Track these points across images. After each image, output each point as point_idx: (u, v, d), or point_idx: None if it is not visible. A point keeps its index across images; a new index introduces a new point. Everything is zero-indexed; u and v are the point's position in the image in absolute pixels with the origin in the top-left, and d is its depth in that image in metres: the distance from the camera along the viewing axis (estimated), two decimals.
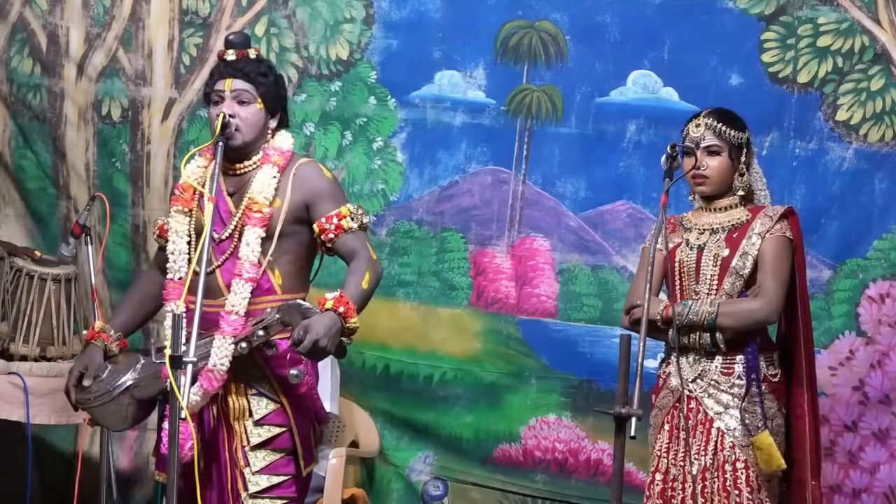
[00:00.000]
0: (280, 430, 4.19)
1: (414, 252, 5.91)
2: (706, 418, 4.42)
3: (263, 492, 4.16)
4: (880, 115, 5.44)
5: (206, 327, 4.08)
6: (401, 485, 5.92)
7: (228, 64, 4.26)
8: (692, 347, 4.45)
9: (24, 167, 6.23)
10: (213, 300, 4.13)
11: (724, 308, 4.38)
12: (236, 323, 4.10)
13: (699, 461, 4.40)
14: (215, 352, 4.08)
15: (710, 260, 4.49)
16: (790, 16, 5.52)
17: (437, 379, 5.89)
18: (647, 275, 4.26)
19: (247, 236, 4.15)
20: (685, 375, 4.45)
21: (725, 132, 4.50)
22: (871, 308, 5.42)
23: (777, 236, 4.46)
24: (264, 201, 4.17)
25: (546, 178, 5.79)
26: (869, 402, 5.41)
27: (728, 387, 4.41)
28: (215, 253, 4.18)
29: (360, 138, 5.95)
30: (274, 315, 4.05)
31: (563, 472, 5.79)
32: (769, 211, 4.51)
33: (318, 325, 3.97)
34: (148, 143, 6.07)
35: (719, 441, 4.39)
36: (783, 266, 4.45)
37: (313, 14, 5.98)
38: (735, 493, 4.37)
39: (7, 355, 5.42)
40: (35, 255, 5.56)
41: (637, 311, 4.45)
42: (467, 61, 5.86)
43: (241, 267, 4.13)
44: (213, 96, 4.25)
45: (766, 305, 4.40)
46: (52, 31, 6.13)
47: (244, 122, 4.20)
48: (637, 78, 5.68)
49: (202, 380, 4.08)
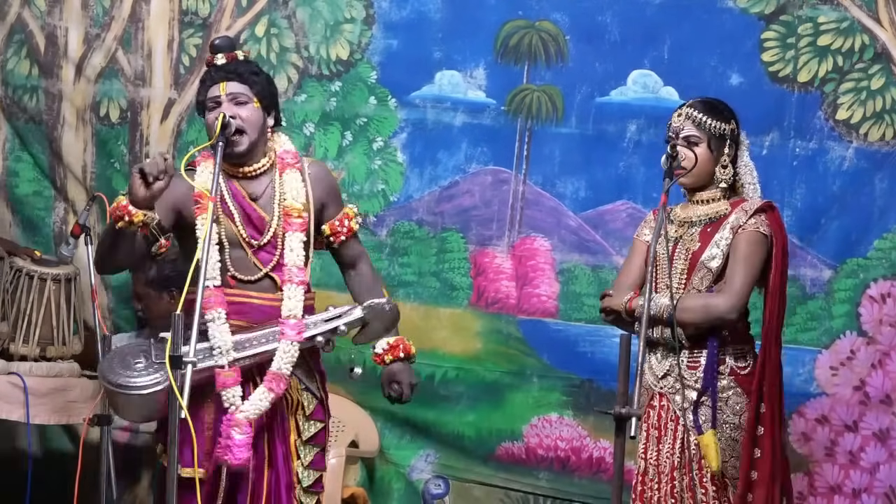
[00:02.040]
0: (321, 425, 4.32)
1: (414, 252, 5.90)
2: (676, 415, 4.38)
3: (311, 486, 4.28)
4: (880, 114, 5.44)
5: (263, 319, 4.17)
6: (401, 484, 5.92)
7: (220, 68, 4.25)
8: (658, 342, 4.40)
9: (19, 170, 6.21)
10: (269, 294, 4.21)
11: (683, 303, 4.31)
12: (297, 326, 4.18)
13: (670, 460, 4.38)
14: (281, 356, 4.15)
15: (681, 253, 4.45)
16: (790, 15, 5.53)
17: (439, 378, 5.88)
18: (649, 272, 4.25)
19: (290, 242, 4.22)
20: (656, 372, 4.43)
21: (705, 122, 4.42)
22: (872, 308, 5.42)
23: (749, 231, 4.37)
24: (301, 207, 4.25)
25: (546, 178, 5.79)
26: (870, 401, 5.41)
27: (693, 381, 4.37)
28: (258, 259, 4.22)
29: (361, 138, 5.95)
30: (357, 314, 4.24)
31: (565, 470, 5.79)
32: (746, 205, 4.42)
33: (405, 375, 4.36)
34: (147, 144, 6.06)
35: (685, 438, 4.36)
36: (753, 262, 4.37)
37: (313, 14, 5.98)
38: (700, 491, 4.33)
39: (7, 355, 5.42)
40: (35, 255, 5.55)
41: (605, 300, 4.46)
42: (467, 61, 5.86)
43: (291, 272, 4.20)
44: (208, 103, 4.24)
45: (726, 302, 4.31)
46: (50, 31, 6.12)
47: (246, 122, 4.20)
48: (637, 78, 5.69)
49: (269, 383, 4.13)
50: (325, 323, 4.23)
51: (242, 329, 4.16)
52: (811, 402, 5.48)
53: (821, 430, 5.45)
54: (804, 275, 5.51)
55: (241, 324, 4.17)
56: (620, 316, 4.45)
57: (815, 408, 5.47)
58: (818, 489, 5.47)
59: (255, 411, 4.11)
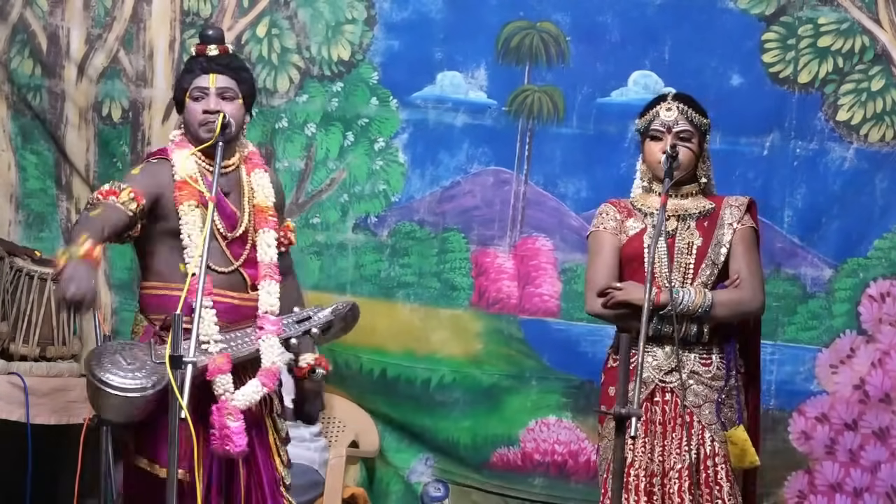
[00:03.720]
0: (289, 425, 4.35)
1: (415, 253, 5.90)
2: (685, 411, 4.38)
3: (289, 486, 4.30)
4: (881, 115, 5.45)
5: (235, 319, 4.16)
6: (401, 486, 5.91)
7: (211, 59, 4.24)
8: (669, 337, 4.37)
9: (26, 166, 6.22)
10: (240, 293, 4.19)
11: (718, 298, 4.34)
12: (277, 322, 4.18)
13: (682, 456, 4.37)
14: (267, 351, 4.15)
15: (683, 248, 4.46)
16: (791, 16, 5.53)
17: (435, 383, 5.88)
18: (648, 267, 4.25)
19: (265, 238, 4.24)
20: (663, 367, 4.41)
21: (696, 118, 4.47)
22: (872, 307, 5.43)
23: (747, 227, 4.46)
24: (272, 205, 4.28)
25: (548, 178, 5.79)
26: (869, 400, 5.41)
27: (709, 378, 4.38)
28: (231, 253, 4.21)
29: (362, 139, 5.95)
30: (327, 315, 4.24)
31: (562, 474, 5.77)
32: (733, 201, 4.49)
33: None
34: (148, 144, 6.06)
35: (700, 435, 4.36)
36: (756, 257, 4.46)
37: (315, 15, 5.98)
38: (716, 488, 4.34)
39: (7, 355, 5.42)
40: (35, 255, 5.56)
41: (618, 294, 4.38)
42: (469, 62, 5.87)
43: (268, 268, 4.21)
44: (193, 92, 4.23)
45: (756, 297, 4.40)
46: (52, 32, 6.12)
47: (231, 118, 4.20)
48: (638, 78, 5.69)
49: (262, 377, 4.12)
50: (297, 325, 4.23)
51: (220, 328, 4.14)
52: (811, 400, 5.48)
53: (821, 428, 5.45)
54: (805, 274, 5.51)
55: (218, 323, 4.15)
56: (635, 311, 4.29)
57: (816, 406, 5.47)
58: (818, 487, 5.47)
59: (245, 401, 4.06)
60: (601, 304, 4.45)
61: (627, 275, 4.51)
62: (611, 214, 4.58)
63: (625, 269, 4.51)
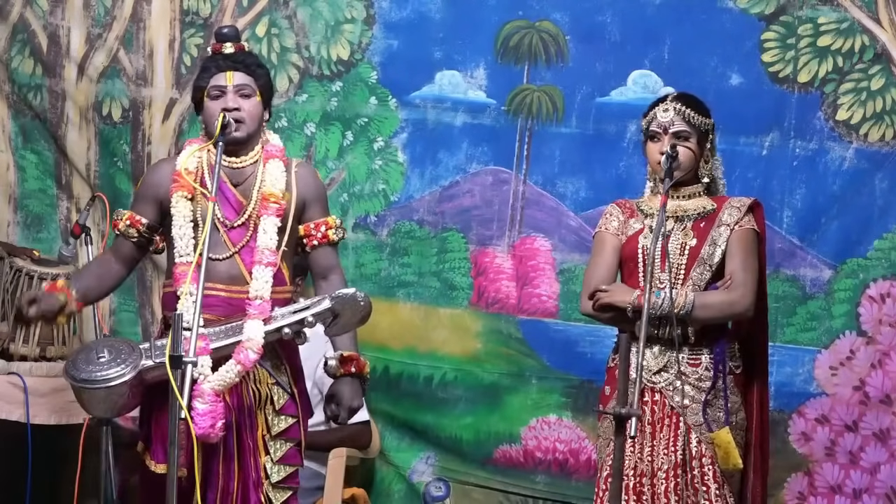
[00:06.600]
0: (293, 420, 4.28)
1: (414, 252, 5.90)
2: (672, 412, 4.39)
3: (281, 481, 4.24)
4: (880, 114, 5.45)
5: (230, 313, 4.16)
6: (402, 485, 5.91)
7: (227, 57, 4.27)
8: (658, 338, 4.39)
9: (25, 166, 6.22)
10: (236, 286, 4.18)
11: (700, 300, 4.33)
12: (263, 307, 4.15)
13: (669, 457, 4.38)
14: (248, 330, 4.11)
15: (677, 248, 4.46)
16: (790, 15, 5.53)
17: (438, 380, 5.88)
18: (647, 269, 4.25)
19: (264, 225, 4.22)
20: (651, 367, 4.41)
21: (694, 118, 4.47)
22: (872, 308, 5.42)
23: (746, 228, 4.44)
24: (279, 193, 4.25)
25: (547, 178, 5.79)
26: (869, 401, 5.41)
27: (696, 379, 4.38)
28: (230, 240, 4.22)
29: (361, 138, 5.95)
30: (326, 304, 4.16)
31: (563, 472, 5.78)
32: (735, 202, 4.49)
33: (346, 394, 4.30)
34: (149, 143, 6.07)
35: (687, 436, 4.36)
36: (754, 259, 4.43)
37: (314, 14, 5.98)
38: (703, 489, 4.34)
39: (7, 355, 5.42)
40: (35, 255, 5.56)
41: (605, 296, 4.40)
42: (468, 61, 5.86)
43: (262, 254, 4.19)
44: (211, 91, 4.25)
45: (745, 298, 4.36)
46: (52, 31, 6.12)
47: (248, 115, 4.23)
48: (637, 78, 5.68)
49: (237, 356, 4.09)
50: (292, 314, 4.18)
51: (209, 323, 4.15)
52: (811, 401, 5.47)
53: (821, 429, 5.45)
54: (804, 275, 5.51)
55: (209, 317, 4.16)
56: (621, 313, 4.41)
57: (815, 407, 5.46)
58: (818, 489, 5.47)
59: (220, 382, 4.06)
60: (590, 308, 4.49)
61: (625, 275, 4.53)
62: (614, 215, 4.61)
63: (623, 269, 4.54)
